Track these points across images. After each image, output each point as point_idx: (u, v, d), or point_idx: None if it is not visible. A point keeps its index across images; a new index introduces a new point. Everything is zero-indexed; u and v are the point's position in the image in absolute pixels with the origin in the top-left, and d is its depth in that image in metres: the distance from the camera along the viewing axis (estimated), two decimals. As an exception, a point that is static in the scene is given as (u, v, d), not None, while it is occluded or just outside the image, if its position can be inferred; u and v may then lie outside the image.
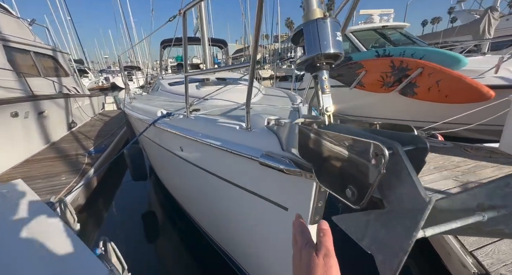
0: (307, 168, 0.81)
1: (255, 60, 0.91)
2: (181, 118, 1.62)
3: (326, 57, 0.73)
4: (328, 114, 0.78)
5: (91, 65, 38.61)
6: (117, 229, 2.63)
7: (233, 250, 1.73)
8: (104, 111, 8.50)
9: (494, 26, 6.38)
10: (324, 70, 0.78)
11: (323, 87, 0.78)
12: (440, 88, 3.56)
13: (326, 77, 0.78)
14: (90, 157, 3.72)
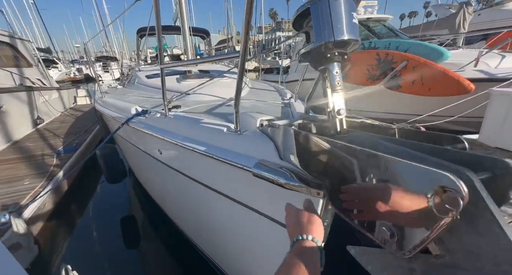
0: (314, 183, 0.68)
1: (246, 50, 0.75)
2: (158, 116, 1.42)
3: (339, 45, 0.60)
4: (340, 118, 0.65)
5: (61, 55, 35.58)
6: (92, 236, 2.40)
7: (225, 266, 1.59)
8: (76, 105, 7.85)
9: (468, 20, 6.63)
10: (335, 62, 0.64)
11: (333, 84, 0.65)
12: (424, 81, 3.60)
13: (338, 71, 0.65)
14: (59, 157, 3.37)
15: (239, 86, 0.85)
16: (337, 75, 0.67)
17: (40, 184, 2.69)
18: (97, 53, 34.19)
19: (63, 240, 2.37)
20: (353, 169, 0.45)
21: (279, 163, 0.77)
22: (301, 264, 0.37)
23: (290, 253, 0.42)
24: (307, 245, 0.42)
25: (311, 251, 0.41)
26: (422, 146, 0.48)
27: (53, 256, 2.17)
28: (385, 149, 0.42)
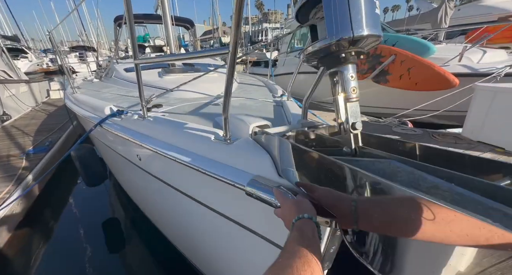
0: (322, 210, 0.58)
1: (237, 47, 0.63)
2: (136, 118, 1.26)
3: (357, 42, 0.49)
4: (355, 133, 0.56)
5: (31, 43, 32.85)
6: (70, 244, 2.22)
7: (207, 271, 1.48)
8: (50, 99, 7.28)
9: (449, 15, 6.78)
10: (350, 64, 0.54)
11: (348, 91, 0.55)
12: (411, 75, 3.63)
13: (354, 75, 0.55)
14: (28, 158, 3.07)
15: (228, 88, 0.73)
16: (352, 80, 0.57)
17: (7, 190, 2.43)
18: (73, 42, 31.85)
19: (36, 250, 2.17)
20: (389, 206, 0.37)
21: (277, 181, 0.67)
22: (310, 239, 0.42)
23: (293, 232, 0.46)
24: (309, 223, 0.47)
25: (313, 227, 0.46)
26: (471, 181, 0.40)
27: (25, 269, 1.98)
28: (426, 185, 0.34)
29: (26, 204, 2.51)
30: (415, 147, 0.63)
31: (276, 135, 0.75)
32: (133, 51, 1.09)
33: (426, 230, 0.39)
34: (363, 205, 0.49)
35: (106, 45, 16.95)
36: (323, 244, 0.63)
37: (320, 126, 1.00)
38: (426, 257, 0.42)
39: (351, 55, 0.54)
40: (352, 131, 0.58)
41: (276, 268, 0.38)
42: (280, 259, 0.39)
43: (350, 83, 0.56)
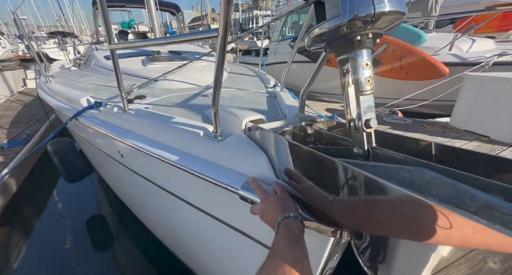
0: (327, 220, 0.52)
1: (228, 29, 0.54)
2: (116, 111, 1.15)
3: (376, 21, 0.42)
4: (369, 132, 0.49)
5: (4, 28, 30.44)
6: (52, 243, 2.12)
7: (196, 268, 1.44)
8: (26, 89, 6.82)
9: (440, 3, 6.75)
10: (365, 49, 0.47)
11: (361, 82, 0.48)
12: (402, 65, 3.61)
13: (369, 63, 0.48)
14: (3, 152, 2.87)
15: (218, 77, 0.64)
16: (367, 69, 0.49)
17: (-20, 186, 2.28)
18: (51, 27, 29.75)
19: (15, 250, 2.06)
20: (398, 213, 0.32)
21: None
22: (298, 237, 0.44)
23: (281, 230, 0.47)
24: (295, 221, 0.48)
25: (299, 225, 0.48)
26: (491, 185, 0.35)
27: (3, 268, 1.88)
28: (476, 204, 0.29)
29: (2, 202, 2.36)
30: (430, 146, 0.57)
31: (271, 131, 0.68)
32: (107, 34, 0.97)
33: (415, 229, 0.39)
34: (337, 207, 0.50)
35: (88, 31, 15.91)
36: (327, 251, 0.59)
37: (319, 120, 0.94)
38: (413, 246, 0.42)
39: (368, 38, 0.46)
40: (366, 130, 0.51)
41: (268, 268, 0.38)
42: (271, 259, 0.40)
43: (364, 73, 0.49)
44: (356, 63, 0.49)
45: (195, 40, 0.71)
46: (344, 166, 0.44)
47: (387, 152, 0.56)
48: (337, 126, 0.91)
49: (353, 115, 0.55)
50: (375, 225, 0.45)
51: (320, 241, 0.59)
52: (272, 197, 0.56)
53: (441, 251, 0.38)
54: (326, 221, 0.51)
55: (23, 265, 1.91)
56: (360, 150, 0.57)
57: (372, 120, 0.51)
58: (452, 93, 3.20)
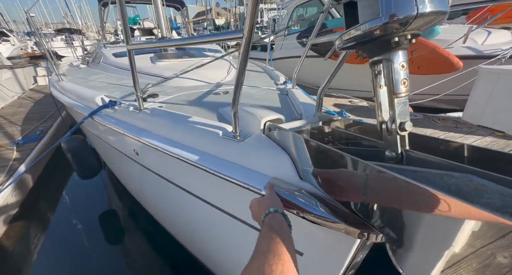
0: (353, 220, 0.51)
1: (253, 29, 0.53)
2: (131, 110, 1.17)
3: (417, 22, 0.41)
4: (402, 135, 0.48)
5: (13, 26, 30.92)
6: (67, 236, 2.19)
7: (211, 265, 1.46)
8: (37, 86, 6.96)
9: (453, -6, 6.50)
10: (401, 50, 0.46)
11: (396, 83, 0.47)
12: (414, 59, 3.51)
13: (405, 64, 0.47)
14: (19, 148, 2.96)
15: (240, 78, 0.63)
16: (402, 70, 0.47)
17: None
18: (58, 24, 30.06)
19: (34, 242, 2.15)
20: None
21: (298, 184, 0.60)
22: (278, 231, 0.44)
23: (265, 227, 0.47)
24: (275, 216, 0.49)
25: (280, 219, 0.48)
26: None
27: (23, 260, 1.96)
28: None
29: (20, 196, 2.45)
30: (462, 148, 0.56)
31: (292, 131, 0.68)
32: (125, 35, 0.97)
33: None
34: (373, 177, 0.49)
35: (93, 28, 16.00)
36: (352, 252, 0.59)
37: (336, 119, 0.93)
38: (431, 240, 0.42)
39: (406, 39, 0.45)
40: (400, 133, 0.50)
41: (249, 270, 0.37)
42: (251, 260, 0.39)
43: (400, 75, 0.47)
44: (391, 64, 0.47)
45: (219, 41, 0.70)
46: (380, 171, 0.43)
47: (421, 155, 0.54)
48: (354, 125, 0.89)
49: (385, 117, 0.54)
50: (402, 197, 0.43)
51: (345, 242, 0.59)
52: (259, 198, 0.57)
53: (454, 247, 0.38)
54: (353, 222, 0.52)
55: (41, 256, 1.99)
56: (392, 153, 0.55)
57: (407, 123, 0.50)
58: (465, 87, 3.11)
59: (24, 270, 1.89)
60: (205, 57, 2.39)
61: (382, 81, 0.52)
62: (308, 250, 0.70)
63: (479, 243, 0.37)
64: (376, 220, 0.48)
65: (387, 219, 0.46)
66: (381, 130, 0.55)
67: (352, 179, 0.53)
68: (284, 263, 0.37)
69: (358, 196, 0.52)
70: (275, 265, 0.36)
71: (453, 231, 0.38)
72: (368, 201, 0.49)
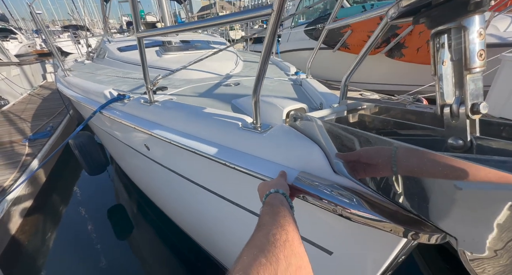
0: (401, 217, 0.45)
1: (283, 4, 0.47)
2: (141, 103, 1.12)
3: None
4: (473, 119, 0.42)
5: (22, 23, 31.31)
6: (79, 230, 2.22)
7: (221, 258, 1.44)
8: (47, 82, 7.04)
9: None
10: (478, 14, 0.39)
11: (471, 55, 0.40)
12: (430, 48, 3.34)
13: (483, 31, 0.40)
14: (31, 144, 2.99)
15: (264, 63, 0.57)
16: (479, 40, 0.40)
17: (12, 177, 2.39)
18: (65, 21, 30.32)
19: (47, 236, 2.18)
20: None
21: (333, 179, 0.54)
22: (279, 208, 0.44)
23: (266, 205, 0.47)
24: (276, 196, 0.49)
25: (281, 198, 0.49)
26: None
27: (37, 253, 2.00)
28: None
29: (33, 191, 2.49)
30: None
31: (322, 120, 0.61)
32: (135, 22, 0.91)
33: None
34: (403, 149, 0.46)
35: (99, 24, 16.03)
36: (394, 253, 0.53)
37: (361, 107, 0.86)
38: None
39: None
40: (471, 116, 0.44)
41: (252, 240, 0.36)
42: (254, 232, 0.39)
43: (475, 45, 0.40)
44: (466, 32, 0.40)
45: (246, 20, 0.64)
46: (458, 163, 0.36)
47: (496, 142, 0.46)
48: (393, 112, 0.79)
49: (449, 100, 0.46)
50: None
51: (387, 242, 0.54)
52: (266, 181, 0.59)
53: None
54: (402, 220, 0.46)
55: (54, 250, 2.03)
56: (459, 141, 0.47)
57: (482, 104, 0.42)
58: (486, 77, 2.94)
59: (38, 263, 1.92)
60: (211, 49, 2.33)
61: (446, 55, 0.44)
62: (339, 249, 0.65)
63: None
64: (436, 216, 0.41)
65: (451, 214, 0.39)
66: (442, 114, 0.48)
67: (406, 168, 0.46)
68: (288, 232, 0.36)
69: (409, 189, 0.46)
70: (278, 234, 0.35)
71: None
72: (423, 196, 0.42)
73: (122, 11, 13.54)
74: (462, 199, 0.38)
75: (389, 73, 4.11)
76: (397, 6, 0.47)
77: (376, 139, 0.50)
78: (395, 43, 3.64)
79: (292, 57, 5.50)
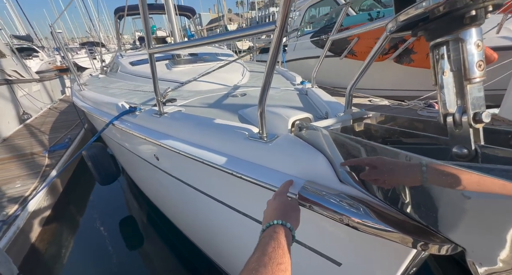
0: (411, 227, 0.45)
1: (286, 21, 0.50)
2: (152, 115, 1.17)
3: None
4: (476, 128, 0.43)
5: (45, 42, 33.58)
6: (94, 240, 2.28)
7: (228, 268, 1.42)
8: (66, 96, 7.43)
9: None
10: (475, 26, 0.40)
11: (470, 65, 0.41)
12: (440, 53, 3.29)
13: (481, 43, 0.41)
14: (50, 155, 3.15)
15: (269, 76, 0.60)
16: (478, 51, 0.41)
17: (33, 186, 2.51)
18: (83, 38, 32.28)
19: (64, 245, 2.25)
20: None
21: (339, 189, 0.55)
22: (280, 246, 0.41)
23: (268, 236, 0.45)
24: (284, 230, 0.46)
25: (288, 234, 0.45)
26: None
27: (54, 261, 2.06)
28: None
29: (52, 200, 2.59)
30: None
31: (327, 129, 0.62)
32: (147, 39, 0.98)
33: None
34: (435, 174, 0.43)
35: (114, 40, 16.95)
36: (404, 265, 0.52)
37: (367, 116, 0.86)
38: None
39: (487, 11, 0.39)
40: (474, 125, 0.44)
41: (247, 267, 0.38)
42: (244, 270, 0.39)
43: (474, 56, 0.41)
44: (463, 44, 0.41)
45: (251, 36, 0.68)
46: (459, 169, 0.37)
47: (500, 150, 0.46)
48: (397, 121, 0.80)
49: (451, 109, 0.47)
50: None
51: (397, 253, 0.53)
52: (277, 200, 0.54)
53: None
54: (411, 230, 0.45)
55: (70, 258, 2.08)
56: (463, 149, 0.47)
57: (484, 113, 0.42)
58: (501, 80, 2.84)
59: (55, 270, 1.98)
60: (218, 61, 2.40)
61: (446, 65, 0.45)
62: (348, 260, 0.64)
63: None
64: (445, 227, 0.41)
65: (461, 224, 0.38)
66: (445, 123, 0.48)
67: (407, 178, 0.46)
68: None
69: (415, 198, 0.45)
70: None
71: None
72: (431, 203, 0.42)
73: (136, 27, 14.30)
74: (470, 208, 0.37)
75: (399, 78, 4.07)
76: (395, 20, 0.49)
77: (381, 149, 0.50)
78: (404, 49, 3.61)
79: (299, 66, 5.56)
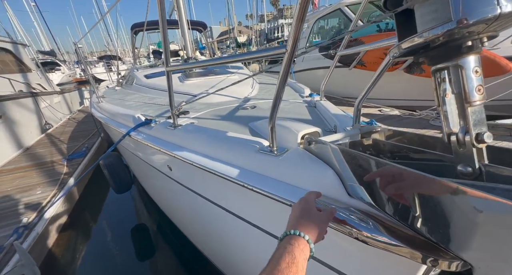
0: (420, 242, 0.46)
1: (296, 43, 0.54)
2: (167, 127, 1.23)
3: (497, 24, 0.36)
4: (479, 148, 0.44)
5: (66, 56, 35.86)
6: (107, 247, 2.34)
7: None
8: (84, 107, 7.82)
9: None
10: (473, 55, 0.43)
11: (470, 90, 0.43)
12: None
13: (479, 69, 0.43)
14: (69, 164, 3.29)
15: (279, 93, 0.64)
16: (476, 76, 0.44)
17: (52, 193, 2.62)
18: (101, 52, 34.20)
19: (79, 250, 2.32)
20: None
21: (347, 202, 0.56)
22: (293, 260, 0.41)
23: (279, 248, 0.45)
24: (300, 242, 0.45)
25: (304, 248, 0.44)
26: None
27: (69, 267, 2.12)
28: None
29: (68, 207, 2.69)
30: None
31: (335, 144, 0.65)
32: (165, 58, 1.05)
33: None
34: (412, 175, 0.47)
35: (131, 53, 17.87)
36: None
37: (375, 131, 0.87)
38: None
39: (482, 42, 0.41)
40: (477, 145, 0.45)
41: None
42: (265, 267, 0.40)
43: (473, 81, 0.43)
44: (462, 71, 0.43)
45: (262, 58, 0.73)
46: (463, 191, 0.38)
47: (500, 168, 0.47)
48: (403, 136, 0.81)
49: (455, 129, 0.49)
50: None
51: (406, 269, 0.53)
52: (301, 205, 0.53)
53: None
54: (420, 246, 0.46)
55: (84, 264, 2.14)
56: (468, 168, 0.48)
57: (486, 134, 0.44)
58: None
59: None
60: (229, 74, 2.48)
61: (448, 88, 0.47)
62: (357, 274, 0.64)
63: None
64: (457, 245, 0.42)
65: (472, 242, 0.39)
66: (449, 142, 0.49)
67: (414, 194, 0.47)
68: None
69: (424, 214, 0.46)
70: None
71: None
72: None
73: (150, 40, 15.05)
74: (477, 222, 0.38)
75: (409, 88, 4.02)
76: (398, 48, 0.51)
77: (387, 165, 0.52)
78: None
79: (308, 76, 5.61)
